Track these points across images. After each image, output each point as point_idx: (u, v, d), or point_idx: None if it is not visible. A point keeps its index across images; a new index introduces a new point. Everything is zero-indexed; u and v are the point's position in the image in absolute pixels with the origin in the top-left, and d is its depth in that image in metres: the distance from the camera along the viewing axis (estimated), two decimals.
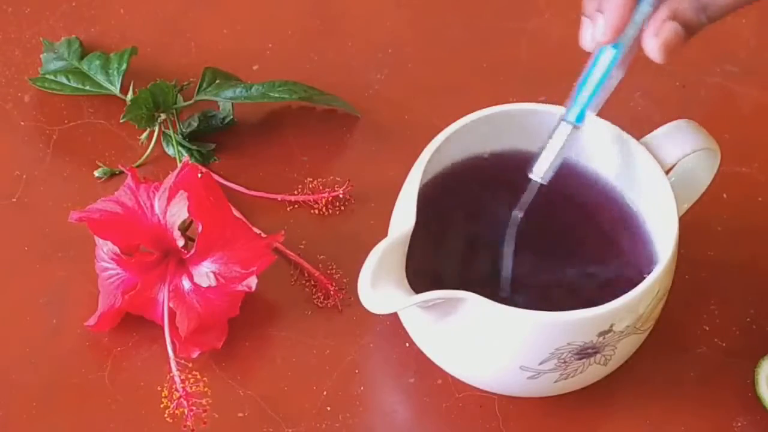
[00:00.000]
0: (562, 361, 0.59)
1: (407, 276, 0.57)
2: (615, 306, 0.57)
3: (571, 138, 0.59)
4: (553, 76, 0.78)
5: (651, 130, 0.63)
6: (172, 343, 0.63)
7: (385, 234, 0.61)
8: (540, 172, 0.59)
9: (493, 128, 0.64)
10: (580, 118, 0.58)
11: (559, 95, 0.59)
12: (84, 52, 0.77)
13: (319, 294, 0.68)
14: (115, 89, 0.75)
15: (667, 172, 0.62)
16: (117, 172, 0.73)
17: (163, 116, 0.73)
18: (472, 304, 0.57)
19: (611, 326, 0.58)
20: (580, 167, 0.65)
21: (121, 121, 0.71)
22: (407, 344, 0.65)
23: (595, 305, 0.57)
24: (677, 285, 0.63)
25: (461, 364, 0.62)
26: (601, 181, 0.65)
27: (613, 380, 0.64)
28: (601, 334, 0.58)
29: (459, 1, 0.83)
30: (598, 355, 0.60)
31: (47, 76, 0.76)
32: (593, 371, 0.61)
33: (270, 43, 0.80)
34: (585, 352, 0.59)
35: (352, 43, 0.81)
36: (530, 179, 0.60)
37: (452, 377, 0.64)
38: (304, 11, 0.82)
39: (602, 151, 0.64)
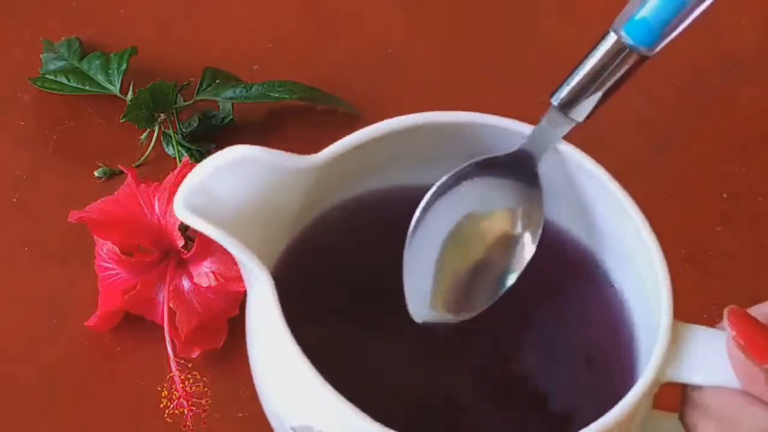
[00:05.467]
0: None
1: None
2: None
3: (623, 62, 0.42)
4: (555, 76, 0.78)
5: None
6: (172, 343, 0.63)
7: None
8: (557, 98, 0.44)
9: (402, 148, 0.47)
10: (642, 35, 0.41)
11: None
12: (84, 52, 0.77)
13: None
14: (115, 89, 0.75)
15: None
16: (117, 172, 0.73)
17: (163, 116, 0.73)
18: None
19: None
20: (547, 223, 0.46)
21: (121, 121, 0.71)
22: None
23: None
24: (678, 285, 0.63)
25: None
26: (574, 244, 0.47)
27: None
28: None
29: (459, 1, 0.83)
30: None
31: (47, 76, 0.76)
32: None
33: (270, 43, 0.80)
34: None
35: (352, 43, 0.81)
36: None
37: None
38: (304, 11, 0.82)
39: (575, 202, 0.47)
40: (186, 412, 0.61)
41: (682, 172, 0.73)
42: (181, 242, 0.63)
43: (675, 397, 0.44)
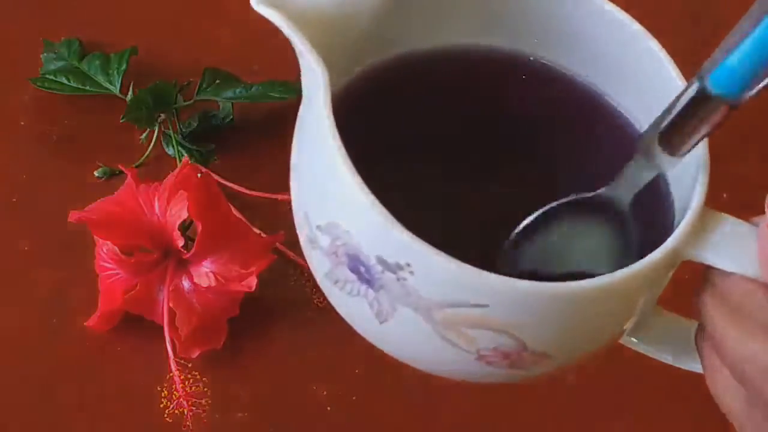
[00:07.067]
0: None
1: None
2: None
3: (709, 113, 0.40)
4: None
5: None
6: (172, 343, 0.63)
7: None
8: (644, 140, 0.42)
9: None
10: (728, 86, 0.39)
11: None
12: (84, 52, 0.77)
13: (319, 294, 0.68)
14: (115, 89, 0.75)
15: None
16: (117, 172, 0.73)
17: (163, 116, 0.73)
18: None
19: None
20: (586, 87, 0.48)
21: (121, 121, 0.71)
22: None
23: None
24: (678, 285, 0.63)
25: None
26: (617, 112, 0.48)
27: (613, 381, 0.64)
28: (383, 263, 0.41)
29: None
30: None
31: (47, 76, 0.76)
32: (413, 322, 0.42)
33: (270, 43, 0.80)
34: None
35: None
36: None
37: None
38: None
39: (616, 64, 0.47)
40: (186, 412, 0.61)
41: None
42: (181, 242, 0.63)
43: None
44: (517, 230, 0.45)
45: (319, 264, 0.44)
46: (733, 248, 0.42)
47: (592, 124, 0.48)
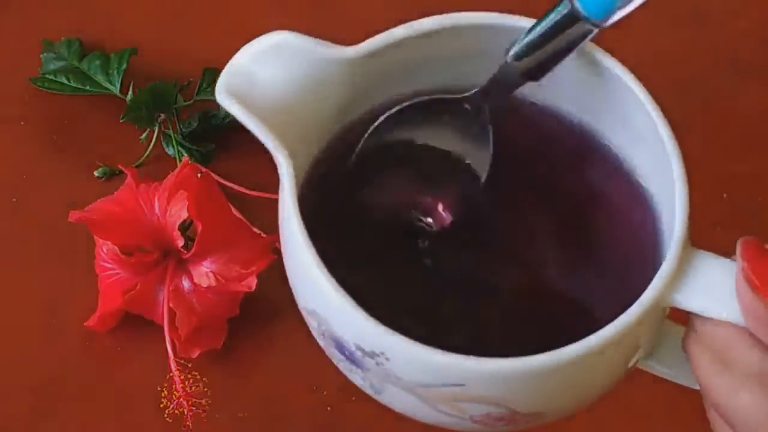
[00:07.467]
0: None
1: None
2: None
3: (574, 30, 0.42)
4: None
5: None
6: (172, 343, 0.63)
7: None
8: (511, 51, 0.43)
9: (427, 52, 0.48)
10: (595, 9, 0.41)
11: None
12: (84, 52, 0.77)
13: None
14: (115, 89, 0.75)
15: None
16: (117, 172, 0.73)
17: (163, 116, 0.73)
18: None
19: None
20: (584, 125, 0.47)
21: (121, 121, 0.71)
22: None
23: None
24: None
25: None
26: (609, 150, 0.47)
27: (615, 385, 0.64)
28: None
29: (458, 1, 0.83)
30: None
31: (47, 76, 0.76)
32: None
33: None
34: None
35: (350, 43, 0.80)
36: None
37: None
38: (304, 11, 0.82)
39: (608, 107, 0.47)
40: (186, 412, 0.61)
41: None
42: (181, 242, 0.63)
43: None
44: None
45: (315, 338, 0.46)
46: (712, 293, 0.40)
47: (588, 174, 0.47)
